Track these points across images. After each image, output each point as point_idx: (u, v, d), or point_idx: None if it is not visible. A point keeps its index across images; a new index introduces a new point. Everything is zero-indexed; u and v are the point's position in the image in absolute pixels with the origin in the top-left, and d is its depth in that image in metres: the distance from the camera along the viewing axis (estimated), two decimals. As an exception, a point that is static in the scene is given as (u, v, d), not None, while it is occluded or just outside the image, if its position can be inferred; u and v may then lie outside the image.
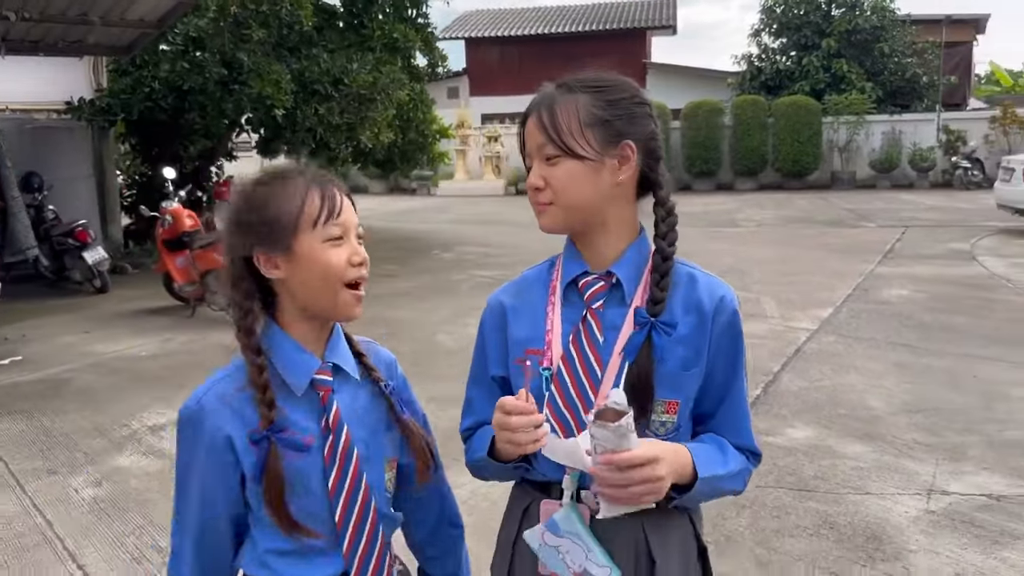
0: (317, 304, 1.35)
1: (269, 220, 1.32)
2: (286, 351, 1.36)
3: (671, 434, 1.39)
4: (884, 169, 22.48)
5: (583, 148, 1.35)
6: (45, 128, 11.53)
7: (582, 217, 1.39)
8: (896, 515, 3.74)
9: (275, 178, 1.35)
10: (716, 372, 1.41)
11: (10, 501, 4.16)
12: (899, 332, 7.02)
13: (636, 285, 1.40)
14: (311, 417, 1.36)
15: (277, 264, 1.33)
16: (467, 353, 5.62)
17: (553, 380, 1.40)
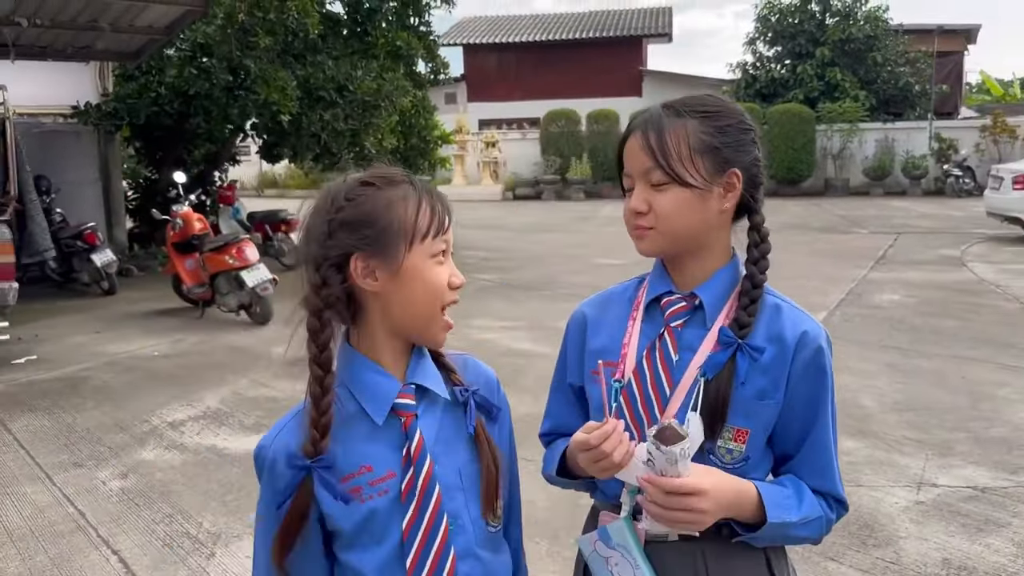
0: (411, 324, 1.24)
1: (381, 225, 1.20)
2: (365, 374, 1.24)
3: (738, 464, 1.35)
4: (877, 176, 22.72)
5: (693, 176, 1.31)
6: (52, 132, 11.69)
7: (683, 243, 1.36)
8: (887, 505, 3.95)
9: (386, 181, 1.24)
10: (796, 410, 1.36)
11: (41, 492, 4.33)
12: (891, 335, 7.24)
13: (719, 309, 1.37)
14: (392, 448, 1.23)
15: (376, 275, 1.20)
16: (472, 353, 5.97)
17: (623, 393, 1.39)
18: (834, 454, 1.39)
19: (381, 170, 1.27)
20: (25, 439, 5.13)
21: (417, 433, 1.23)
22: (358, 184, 1.24)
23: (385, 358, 1.25)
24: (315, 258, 1.21)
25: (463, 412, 1.30)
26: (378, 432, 1.23)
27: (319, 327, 1.20)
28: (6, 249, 6.58)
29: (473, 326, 7.95)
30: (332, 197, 1.23)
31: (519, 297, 9.35)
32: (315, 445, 1.18)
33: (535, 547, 3.59)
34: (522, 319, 7.92)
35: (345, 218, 1.20)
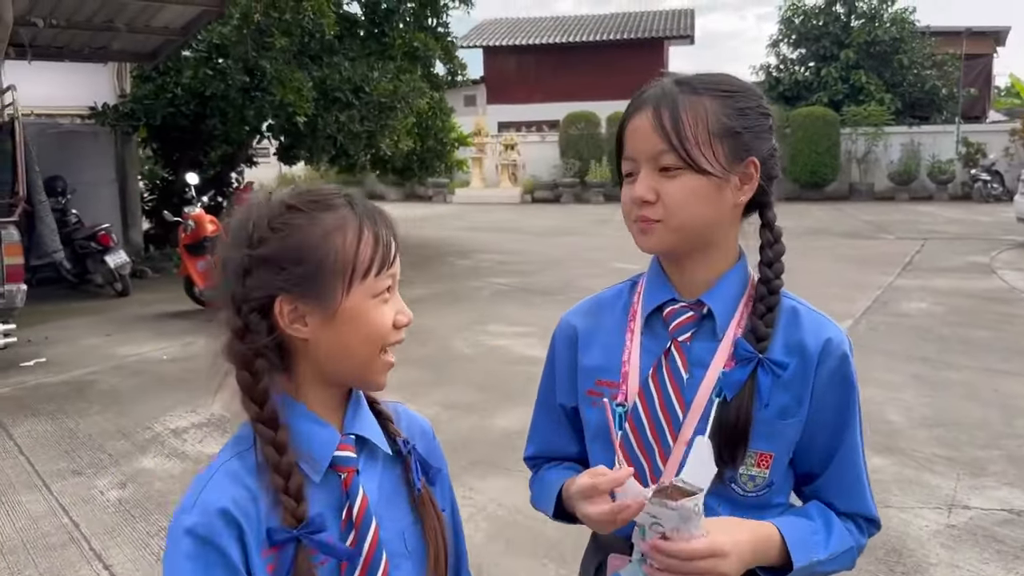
0: (346, 371, 1.07)
1: (312, 262, 1.01)
2: (298, 423, 1.05)
3: (762, 491, 1.22)
4: (903, 181, 22.37)
5: (711, 164, 1.16)
6: (69, 132, 11.68)
7: (691, 240, 1.21)
8: (917, 528, 3.74)
9: (318, 206, 1.04)
10: (821, 426, 1.23)
11: (36, 501, 4.22)
12: (918, 345, 7.00)
13: (729, 319, 1.23)
14: (330, 507, 1.05)
15: (305, 320, 1.03)
16: (483, 360, 5.71)
17: (628, 418, 1.24)
18: (863, 469, 1.27)
19: (313, 190, 1.08)
20: (26, 445, 5.02)
21: (360, 492, 1.07)
22: (284, 209, 1.04)
23: (318, 406, 1.08)
24: (234, 299, 1.03)
25: (403, 468, 1.14)
26: (313, 490, 1.04)
27: (252, 381, 1.02)
28: (14, 250, 6.51)
29: (487, 332, 7.80)
30: (252, 223, 1.03)
31: (535, 302, 9.18)
32: (294, 514, 1.00)
33: (542, 570, 3.42)
34: (537, 325, 7.75)
35: (267, 253, 1.01)
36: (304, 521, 1.00)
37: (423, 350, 7.20)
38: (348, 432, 1.09)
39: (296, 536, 0.99)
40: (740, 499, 1.22)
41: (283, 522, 1.00)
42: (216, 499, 0.99)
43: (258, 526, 1.00)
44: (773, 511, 1.24)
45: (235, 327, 1.02)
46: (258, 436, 1.02)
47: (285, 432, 1.02)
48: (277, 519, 1.01)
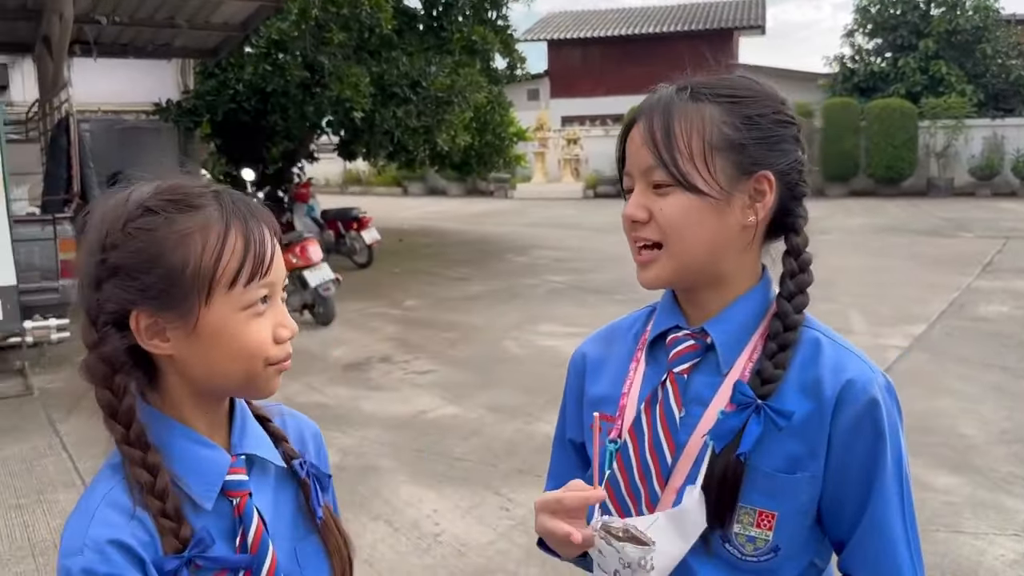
0: (219, 386, 0.98)
1: (164, 272, 0.91)
2: (181, 444, 0.96)
3: (765, 556, 1.05)
4: (984, 176, 21.39)
5: (706, 181, 1.02)
6: (133, 128, 11.89)
7: (696, 269, 1.07)
8: (991, 558, 3.42)
9: (175, 205, 0.93)
10: (845, 485, 1.05)
11: (73, 501, 4.15)
12: (998, 353, 6.56)
13: (738, 351, 1.08)
14: (222, 536, 0.97)
15: (165, 335, 0.93)
16: (533, 362, 5.44)
17: (617, 458, 1.11)
18: (905, 541, 1.04)
19: (176, 186, 0.95)
20: (71, 442, 5.04)
21: (255, 517, 0.98)
22: (140, 210, 0.93)
23: (200, 423, 0.98)
24: (87, 309, 0.94)
25: (297, 484, 1.06)
26: (203, 517, 0.95)
27: (114, 400, 0.93)
28: (69, 246, 6.56)
29: (538, 332, 7.62)
30: (106, 228, 0.93)
31: (591, 301, 8.96)
32: (177, 537, 0.91)
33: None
34: (590, 325, 7.43)
35: (118, 261, 0.91)
36: (189, 542, 0.92)
37: (473, 350, 7.06)
38: (237, 452, 1.00)
39: (187, 559, 0.91)
40: (738, 563, 1.05)
41: (166, 548, 0.92)
42: (107, 532, 0.90)
43: (157, 550, 0.92)
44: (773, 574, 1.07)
45: (90, 342, 0.94)
46: (127, 459, 0.93)
47: (155, 453, 0.93)
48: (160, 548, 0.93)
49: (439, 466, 4.55)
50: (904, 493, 1.06)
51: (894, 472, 1.05)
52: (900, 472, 1.05)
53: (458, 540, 3.69)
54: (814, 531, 1.08)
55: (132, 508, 0.92)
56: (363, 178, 28.84)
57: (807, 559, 1.09)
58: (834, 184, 22.66)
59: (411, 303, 9.17)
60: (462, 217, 19.26)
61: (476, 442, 4.88)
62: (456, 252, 13.53)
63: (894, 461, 1.05)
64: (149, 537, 0.92)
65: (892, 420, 1.05)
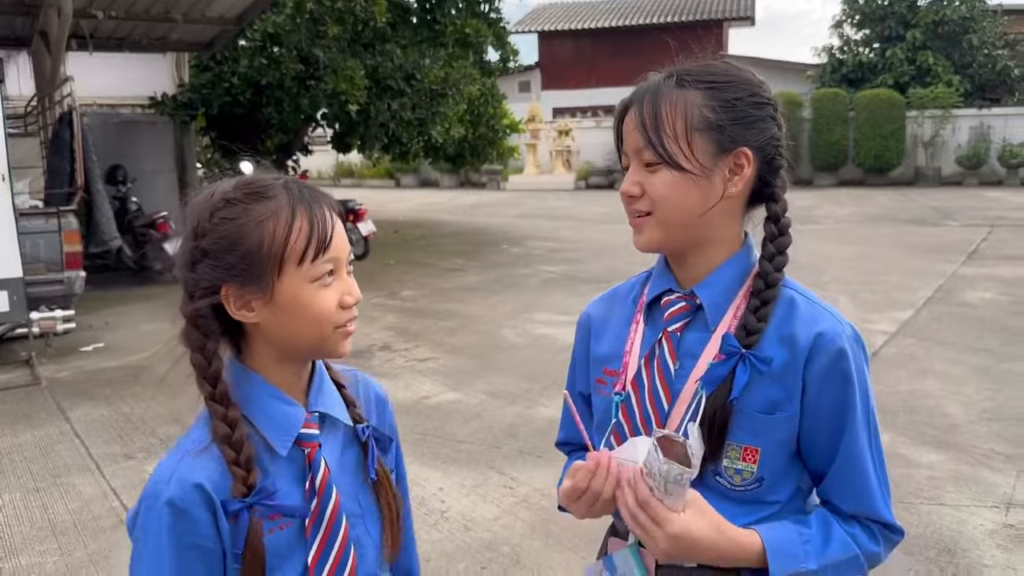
0: (298, 348, 1.14)
1: (244, 253, 1.07)
2: (265, 400, 1.13)
3: (751, 486, 1.20)
4: (971, 166, 21.62)
5: (688, 159, 1.17)
6: (129, 122, 11.95)
7: (683, 234, 1.22)
8: (972, 528, 3.60)
9: (251, 196, 1.10)
10: (821, 424, 1.19)
11: (89, 484, 4.33)
12: (981, 337, 6.75)
13: (724, 309, 1.22)
14: (294, 480, 1.13)
15: (251, 306, 1.09)
16: (530, 349, 5.67)
17: (622, 408, 1.27)
18: (874, 471, 1.21)
19: (251, 180, 1.13)
20: (82, 429, 5.16)
21: (322, 466, 1.15)
22: (222, 202, 1.10)
23: (282, 382, 1.15)
24: (186, 286, 1.12)
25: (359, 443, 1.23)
26: (278, 462, 1.13)
27: (205, 362, 1.10)
28: (73, 238, 6.68)
29: (536, 320, 7.77)
30: (196, 217, 1.11)
31: (584, 290, 9.10)
32: (245, 483, 1.08)
33: (582, 563, 3.38)
34: (586, 313, 7.67)
35: (206, 246, 1.09)
36: (254, 489, 1.07)
37: (471, 338, 7.21)
38: (312, 409, 1.16)
39: (248, 504, 1.06)
40: (728, 492, 1.20)
41: (234, 492, 1.07)
42: (192, 474, 1.07)
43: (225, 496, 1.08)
44: (767, 508, 1.22)
45: (187, 313, 1.10)
46: (211, 413, 1.09)
47: (235, 409, 1.09)
48: None
49: (443, 448, 4.70)
50: (871, 429, 1.21)
51: (863, 412, 1.20)
52: (868, 411, 1.20)
53: (464, 516, 3.85)
54: (795, 463, 1.23)
55: (217, 456, 1.09)
56: (355, 170, 28.88)
57: (793, 486, 1.24)
58: (823, 174, 22.85)
59: (408, 293, 9.30)
60: (455, 208, 19.36)
61: (477, 425, 5.04)
62: (451, 243, 13.66)
63: (862, 402, 1.19)
64: (226, 484, 1.08)
65: (859, 367, 1.19)
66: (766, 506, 1.22)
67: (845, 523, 1.21)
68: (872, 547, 1.20)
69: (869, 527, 1.21)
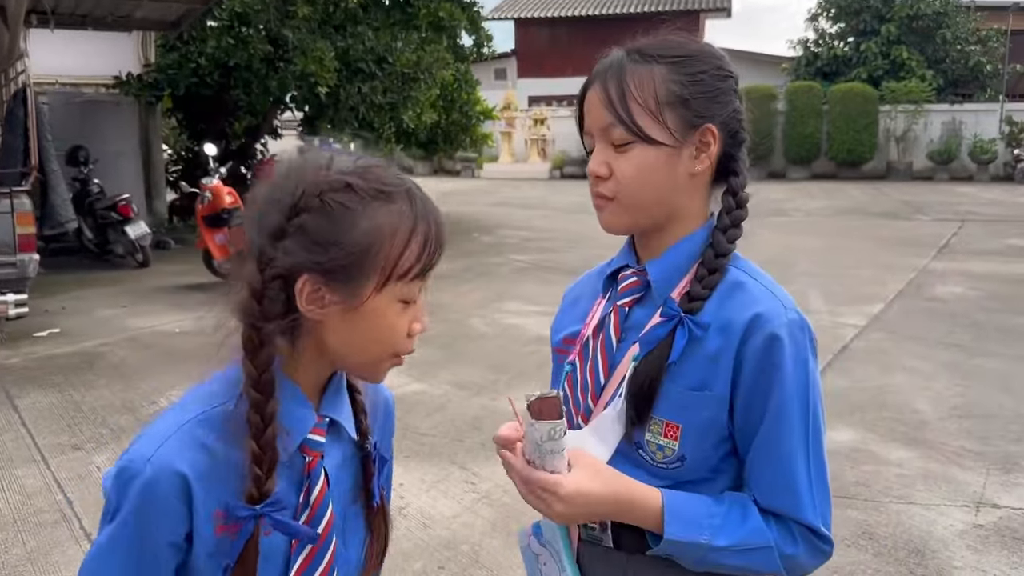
0: (348, 360, 1.03)
1: (352, 251, 0.95)
2: (283, 400, 1.01)
3: (673, 465, 1.16)
4: (943, 160, 21.78)
5: (662, 132, 1.13)
6: (93, 102, 11.64)
7: (647, 214, 1.19)
8: (941, 528, 3.53)
9: (377, 194, 0.97)
10: (750, 411, 1.14)
11: (33, 476, 4.14)
12: (952, 331, 6.72)
13: (672, 285, 1.19)
14: (288, 485, 1.02)
15: (324, 303, 0.97)
16: (499, 339, 5.51)
17: (567, 377, 1.27)
18: (805, 470, 1.13)
19: (376, 172, 0.99)
20: (30, 418, 4.96)
21: (321, 478, 1.04)
22: (342, 185, 0.96)
23: (304, 379, 1.03)
24: (260, 256, 0.96)
25: (362, 459, 1.13)
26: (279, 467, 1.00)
27: (258, 344, 0.96)
28: (26, 220, 6.44)
29: (505, 310, 7.65)
30: (302, 188, 0.96)
31: (556, 280, 9.00)
32: (260, 488, 0.96)
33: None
34: (554, 304, 7.47)
35: (308, 224, 0.95)
36: (268, 498, 0.96)
37: (439, 327, 7.07)
38: (323, 413, 1.05)
39: (259, 514, 0.96)
40: (652, 468, 1.17)
41: (244, 494, 0.96)
42: (175, 460, 0.95)
43: (216, 490, 0.96)
44: (691, 488, 1.16)
45: (254, 287, 0.96)
46: (250, 401, 0.96)
47: (276, 403, 0.97)
48: (235, 490, 0.96)
49: (404, 441, 4.56)
50: (809, 425, 1.13)
51: (798, 404, 1.12)
52: (805, 404, 1.13)
53: (423, 513, 3.72)
54: (730, 453, 1.18)
55: (209, 442, 0.96)
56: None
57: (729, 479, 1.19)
58: (796, 167, 22.93)
59: (376, 281, 9.10)
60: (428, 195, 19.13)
61: (441, 418, 4.91)
62: (422, 231, 13.47)
63: (798, 393, 1.12)
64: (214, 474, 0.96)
65: (798, 355, 1.12)
66: (690, 486, 1.17)
67: (761, 514, 1.14)
68: (788, 547, 1.12)
69: (787, 524, 1.13)
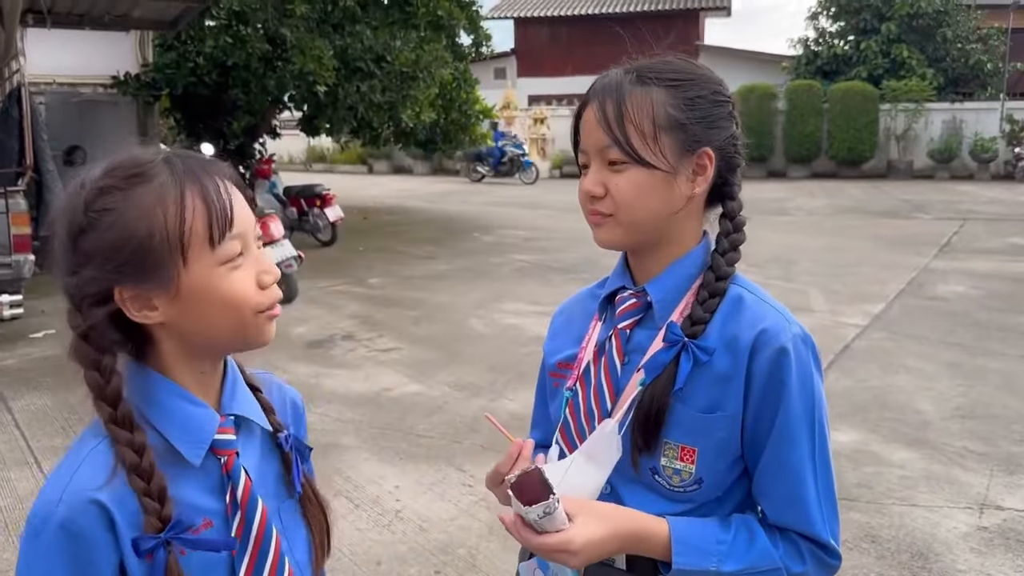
0: (216, 342, 1.00)
1: (134, 248, 0.92)
2: (174, 407, 0.98)
3: (690, 488, 1.16)
4: (943, 159, 21.72)
5: (657, 157, 1.13)
6: (90, 102, 11.58)
7: (644, 232, 1.19)
8: (945, 530, 3.49)
9: (132, 180, 0.93)
10: (759, 425, 1.14)
11: (26, 479, 4.10)
12: (953, 331, 6.67)
13: (673, 306, 1.20)
14: (208, 492, 0.99)
15: (153, 304, 0.94)
16: (498, 340, 5.47)
17: (569, 404, 1.25)
18: (813, 483, 1.13)
19: (125, 160, 0.96)
20: (24, 420, 4.92)
21: (243, 476, 1.01)
22: (96, 191, 0.93)
23: (188, 381, 1.00)
24: (71, 296, 0.95)
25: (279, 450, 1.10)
26: (189, 473, 0.98)
27: (102, 381, 0.94)
28: (21, 220, 6.39)
29: (505, 310, 7.60)
30: (68, 216, 0.94)
31: (556, 280, 8.96)
32: (159, 517, 0.93)
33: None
34: (553, 304, 7.41)
35: (88, 246, 0.93)
36: (170, 522, 0.94)
37: (438, 328, 7.03)
38: (227, 412, 1.02)
39: (165, 540, 0.93)
40: (668, 493, 1.17)
41: (147, 527, 0.93)
42: (88, 488, 0.92)
43: (132, 517, 0.94)
44: (706, 511, 1.17)
45: (75, 326, 0.95)
46: (113, 439, 0.94)
47: (142, 434, 0.94)
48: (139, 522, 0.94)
49: (401, 443, 4.52)
50: (816, 439, 1.14)
51: (804, 418, 1.13)
52: (812, 419, 1.14)
53: (419, 516, 3.68)
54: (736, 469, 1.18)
55: (114, 469, 0.93)
56: (327, 156, 28.49)
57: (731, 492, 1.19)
58: (796, 166, 22.88)
59: (375, 281, 9.08)
60: (427, 195, 19.11)
61: (439, 419, 4.86)
62: (421, 230, 13.43)
63: (804, 407, 1.13)
64: (130, 499, 0.93)
65: (803, 369, 1.13)
66: (706, 508, 1.18)
67: (768, 533, 1.15)
68: (796, 566, 1.13)
69: (795, 542, 1.14)
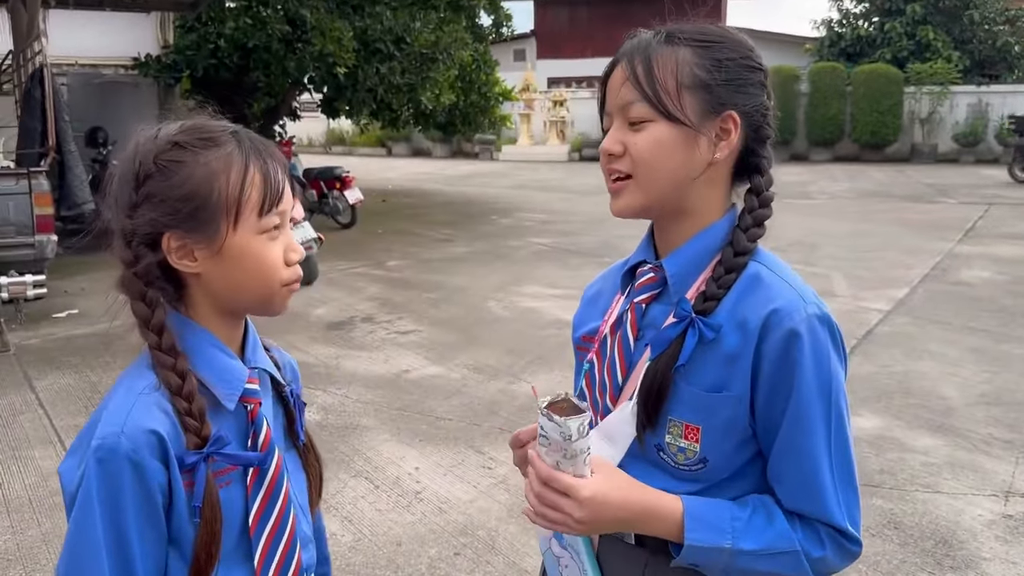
0: (240, 302, 1.10)
1: (196, 200, 1.02)
2: (210, 352, 1.08)
3: (695, 467, 1.12)
4: (968, 143, 21.43)
5: (680, 111, 1.10)
6: (112, 83, 11.64)
7: (663, 201, 1.15)
8: (969, 518, 3.45)
9: (204, 143, 1.04)
10: (770, 412, 1.10)
11: (49, 457, 4.13)
12: (978, 316, 6.59)
13: (690, 281, 1.16)
14: (235, 434, 1.08)
15: (194, 255, 1.04)
16: (516, 323, 5.43)
17: (586, 376, 1.24)
18: (829, 469, 1.09)
19: (200, 125, 1.07)
20: (47, 399, 4.96)
21: (264, 423, 1.11)
22: (170, 145, 1.04)
23: (220, 335, 1.11)
24: (123, 231, 1.05)
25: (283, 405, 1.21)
26: (222, 417, 1.08)
27: (148, 311, 1.04)
28: (44, 201, 6.43)
29: (523, 293, 7.58)
30: (139, 159, 1.05)
31: (575, 263, 8.92)
32: (199, 435, 1.03)
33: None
34: (573, 287, 7.49)
35: (152, 190, 1.03)
36: (208, 440, 1.02)
37: (456, 310, 7.02)
38: (251, 365, 1.13)
39: (206, 454, 1.02)
40: (673, 471, 1.14)
41: (188, 444, 1.02)
42: (146, 422, 1.00)
43: (182, 450, 1.02)
44: (715, 492, 1.14)
45: (126, 260, 1.05)
46: (158, 364, 1.03)
47: (184, 360, 1.04)
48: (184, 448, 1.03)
49: (421, 425, 4.53)
50: (832, 420, 1.09)
51: (818, 399, 1.08)
52: (827, 400, 1.09)
53: (439, 498, 3.68)
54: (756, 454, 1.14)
55: (165, 405, 1.02)
56: (347, 138, 28.52)
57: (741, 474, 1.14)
58: (819, 149, 22.66)
59: (394, 263, 9.09)
60: (446, 178, 19.09)
61: (458, 402, 4.86)
62: (440, 213, 13.43)
63: (819, 389, 1.08)
64: (176, 432, 1.02)
65: (819, 351, 1.08)
66: (714, 489, 1.14)
67: (787, 516, 1.11)
68: (815, 551, 1.09)
69: (814, 527, 1.10)
